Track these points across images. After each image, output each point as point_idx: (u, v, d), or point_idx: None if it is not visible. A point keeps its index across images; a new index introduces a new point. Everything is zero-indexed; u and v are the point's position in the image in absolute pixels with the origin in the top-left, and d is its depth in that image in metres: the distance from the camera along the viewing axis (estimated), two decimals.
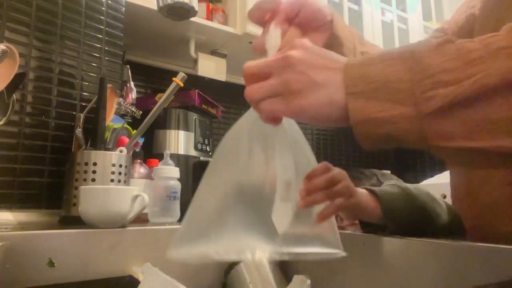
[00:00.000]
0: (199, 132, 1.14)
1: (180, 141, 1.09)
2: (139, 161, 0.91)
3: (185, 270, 0.66)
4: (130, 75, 1.02)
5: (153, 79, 1.36)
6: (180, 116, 1.11)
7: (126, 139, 0.85)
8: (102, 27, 0.93)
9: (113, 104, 0.86)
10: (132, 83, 1.01)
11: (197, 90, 1.14)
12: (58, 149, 0.83)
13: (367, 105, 0.33)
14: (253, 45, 0.46)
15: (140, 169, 0.91)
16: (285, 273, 0.69)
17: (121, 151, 0.78)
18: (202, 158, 1.12)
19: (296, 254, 0.43)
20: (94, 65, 0.91)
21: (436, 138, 0.31)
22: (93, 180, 0.73)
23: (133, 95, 1.00)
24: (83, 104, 0.87)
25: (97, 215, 0.64)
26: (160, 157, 0.90)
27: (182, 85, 0.77)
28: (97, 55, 0.92)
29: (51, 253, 0.57)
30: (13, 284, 0.53)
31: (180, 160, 1.05)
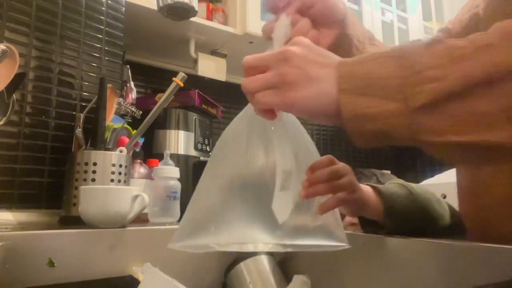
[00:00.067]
0: (199, 132, 1.14)
1: (180, 141, 1.09)
2: (139, 161, 0.91)
3: (185, 270, 0.66)
4: (130, 75, 1.02)
5: (153, 79, 1.36)
6: (180, 116, 1.11)
7: (126, 139, 0.85)
8: (102, 27, 0.93)
9: (113, 104, 0.86)
10: (132, 83, 1.01)
11: (197, 90, 1.14)
12: (58, 149, 0.83)
13: (358, 101, 0.33)
14: (263, 29, 0.47)
15: (140, 169, 0.91)
16: (285, 273, 0.69)
17: (121, 151, 0.78)
18: (202, 158, 1.12)
19: (299, 246, 0.43)
20: (94, 65, 0.91)
21: (424, 133, 0.31)
22: (93, 180, 0.73)
23: (133, 95, 1.00)
24: (83, 104, 0.87)
25: (97, 215, 0.64)
26: (160, 157, 0.90)
27: (182, 85, 0.77)
28: (97, 55, 0.92)
29: (51, 253, 0.57)
30: (13, 284, 0.53)
31: (180, 160, 1.05)
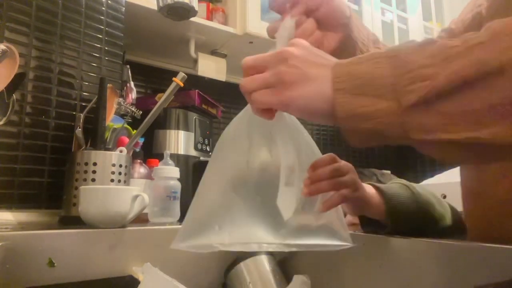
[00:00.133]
0: (199, 132, 1.14)
1: (180, 141, 1.09)
2: (139, 161, 0.91)
3: (185, 270, 0.66)
4: (130, 75, 1.02)
5: (153, 79, 1.36)
6: (180, 116, 1.11)
7: (126, 139, 0.85)
8: (102, 27, 0.93)
9: (113, 104, 0.86)
10: (132, 83, 1.01)
11: (197, 90, 1.14)
12: (58, 149, 0.83)
13: (353, 100, 0.34)
14: (267, 29, 0.48)
15: (140, 169, 0.91)
16: (285, 273, 0.69)
17: (121, 151, 0.78)
18: (202, 158, 1.12)
19: (303, 246, 0.43)
20: (94, 65, 0.91)
21: (416, 131, 0.32)
22: (93, 180, 0.73)
23: (133, 95, 1.00)
24: (83, 104, 0.87)
25: (97, 215, 0.64)
26: (160, 157, 0.90)
27: (182, 85, 0.77)
28: (97, 55, 0.92)
29: (51, 253, 0.57)
30: (13, 284, 0.53)
31: (180, 160, 1.05)
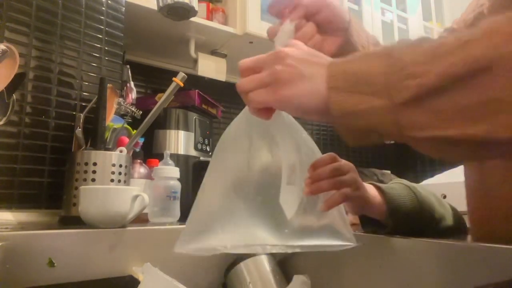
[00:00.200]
0: (199, 132, 1.14)
1: (180, 141, 1.09)
2: (139, 161, 0.91)
3: (185, 270, 0.66)
4: (130, 75, 1.02)
5: (153, 79, 1.36)
6: (180, 116, 1.11)
7: (126, 139, 0.85)
8: (102, 27, 0.93)
9: (113, 104, 0.86)
10: (132, 83, 1.01)
11: (197, 90, 1.14)
12: (58, 149, 0.83)
13: (346, 98, 0.34)
14: (268, 31, 0.48)
15: (140, 169, 0.91)
16: (285, 273, 0.69)
17: (121, 151, 0.78)
18: (202, 158, 1.12)
19: (306, 247, 0.43)
20: (94, 65, 0.91)
21: (409, 128, 0.32)
22: (93, 180, 0.73)
23: (133, 95, 1.00)
24: (83, 104, 0.87)
25: (97, 215, 0.64)
26: (160, 157, 0.90)
27: (182, 85, 0.77)
28: (97, 55, 0.92)
29: (51, 253, 0.57)
30: (13, 284, 0.53)
31: (180, 160, 1.05)
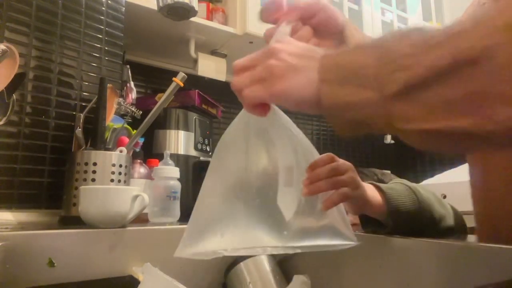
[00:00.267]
0: (199, 132, 1.14)
1: (180, 141, 1.09)
2: (139, 161, 0.91)
3: (185, 270, 0.66)
4: (130, 75, 1.02)
5: (153, 79, 1.36)
6: (180, 116, 1.11)
7: (126, 139, 0.85)
8: (102, 27, 0.93)
9: (113, 104, 0.86)
10: (132, 83, 1.01)
11: (197, 90, 1.14)
12: (58, 149, 0.83)
13: (337, 90, 0.34)
14: (264, 34, 0.48)
15: (140, 169, 0.91)
16: (285, 273, 0.69)
17: (121, 151, 0.78)
18: (202, 158, 1.12)
19: (307, 247, 0.43)
20: (94, 65, 0.91)
21: (398, 121, 0.32)
22: (93, 180, 0.73)
23: (133, 95, 1.00)
24: (83, 104, 0.87)
25: (97, 215, 0.64)
26: (160, 157, 0.90)
27: (182, 85, 0.77)
28: (97, 55, 0.92)
29: (51, 253, 0.57)
30: (13, 284, 0.53)
31: (180, 160, 1.05)
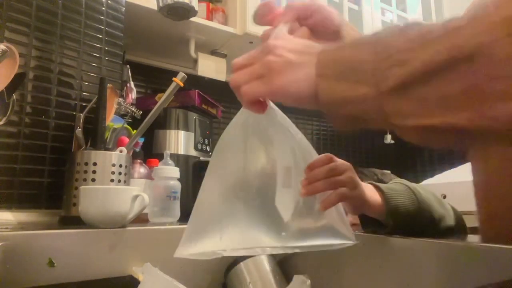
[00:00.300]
0: (199, 132, 1.14)
1: (180, 141, 1.09)
2: (139, 161, 0.91)
3: (185, 270, 0.66)
4: (130, 75, 1.02)
5: (153, 79, 1.36)
6: (180, 116, 1.11)
7: (126, 139, 0.85)
8: (102, 27, 0.93)
9: (113, 104, 0.86)
10: (132, 83, 1.01)
11: (197, 90, 1.14)
12: (58, 149, 0.83)
13: (334, 86, 0.34)
14: (261, 36, 0.48)
15: (140, 169, 0.91)
16: (285, 273, 0.69)
17: (121, 151, 0.78)
18: (202, 158, 1.12)
19: (306, 247, 0.43)
20: (94, 65, 0.91)
21: (395, 117, 0.32)
22: (93, 180, 0.73)
23: (133, 95, 1.00)
24: (83, 104, 0.87)
25: (97, 215, 0.64)
26: (160, 157, 0.90)
27: (182, 85, 0.77)
28: (97, 55, 0.92)
29: (51, 253, 0.57)
30: (13, 284, 0.53)
31: (180, 160, 1.05)
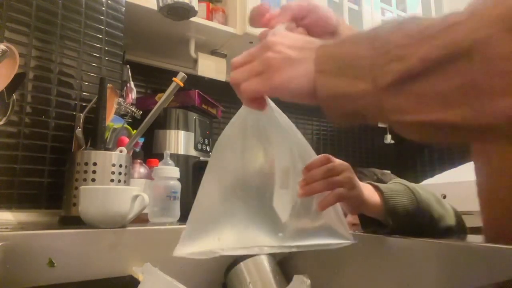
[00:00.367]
0: (199, 132, 1.14)
1: (180, 141, 1.09)
2: (139, 161, 0.91)
3: (185, 270, 0.66)
4: (130, 75, 1.02)
5: (153, 79, 1.36)
6: (180, 116, 1.11)
7: (126, 139, 0.85)
8: (102, 27, 0.93)
9: (113, 104, 0.86)
10: (132, 83, 1.01)
11: (197, 90, 1.14)
12: (58, 149, 0.83)
13: (332, 81, 0.34)
14: (259, 36, 0.48)
15: (140, 169, 0.91)
16: (285, 273, 0.69)
17: (121, 151, 0.78)
18: (202, 158, 1.12)
19: (303, 247, 0.43)
20: (94, 65, 0.91)
21: (392, 112, 0.32)
22: (93, 180, 0.73)
23: (133, 95, 1.00)
24: (83, 104, 0.87)
25: (97, 215, 0.64)
26: (160, 157, 0.90)
27: (182, 85, 0.77)
28: (97, 55, 0.92)
29: (51, 253, 0.57)
30: (13, 284, 0.53)
31: (180, 160, 1.05)
